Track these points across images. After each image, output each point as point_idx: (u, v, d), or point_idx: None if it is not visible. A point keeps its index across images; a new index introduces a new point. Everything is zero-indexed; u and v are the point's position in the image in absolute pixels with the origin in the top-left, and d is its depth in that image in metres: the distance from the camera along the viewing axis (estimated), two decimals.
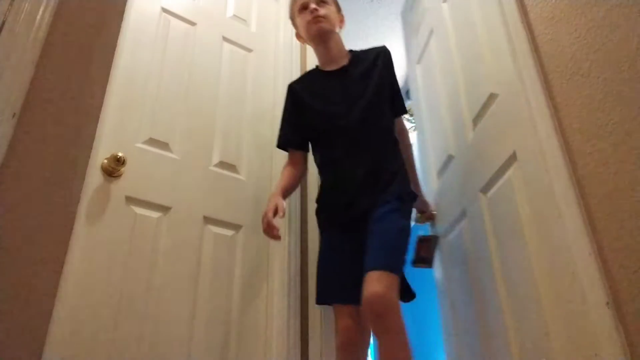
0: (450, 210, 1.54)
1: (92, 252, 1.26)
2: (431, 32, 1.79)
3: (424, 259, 1.59)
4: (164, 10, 1.77)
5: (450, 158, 1.56)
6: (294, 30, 2.08)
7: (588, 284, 0.92)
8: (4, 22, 1.19)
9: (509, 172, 1.21)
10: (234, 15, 2.01)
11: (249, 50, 1.95)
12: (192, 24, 1.83)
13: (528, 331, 1.03)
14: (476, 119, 1.39)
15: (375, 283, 1.10)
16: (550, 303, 1.00)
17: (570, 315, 0.95)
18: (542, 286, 1.03)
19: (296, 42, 2.06)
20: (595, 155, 0.98)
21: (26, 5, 1.23)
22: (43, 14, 1.26)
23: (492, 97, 1.30)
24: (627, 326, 0.86)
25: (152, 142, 1.51)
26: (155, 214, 1.43)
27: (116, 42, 1.42)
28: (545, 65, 1.13)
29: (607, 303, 0.88)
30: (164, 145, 1.54)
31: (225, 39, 1.91)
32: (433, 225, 1.65)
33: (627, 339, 0.85)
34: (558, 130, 1.06)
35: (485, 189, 1.33)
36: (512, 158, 1.19)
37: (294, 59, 2.03)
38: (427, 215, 1.64)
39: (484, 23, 1.36)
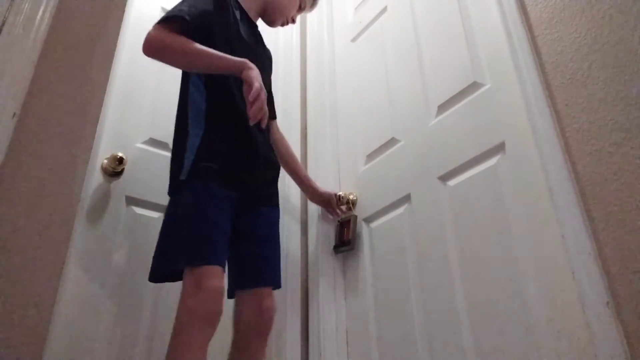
0: (384, 194, 1.52)
1: (92, 252, 1.26)
2: (384, 9, 1.78)
3: (347, 242, 1.54)
4: (164, 10, 1.76)
5: (393, 141, 1.55)
6: (293, 30, 2.09)
7: (588, 284, 0.92)
8: (4, 22, 1.18)
9: (491, 163, 1.21)
10: None
11: None
12: None
13: (509, 333, 1.03)
14: (445, 105, 1.39)
15: (272, 299, 1.20)
16: (546, 304, 1.00)
17: (569, 315, 0.95)
18: (532, 286, 1.04)
19: (296, 43, 2.06)
20: (595, 155, 0.98)
21: (26, 5, 1.23)
22: (43, 14, 1.26)
23: (475, 85, 1.31)
24: (627, 326, 0.86)
25: (152, 142, 1.51)
26: (155, 214, 1.43)
27: (116, 42, 1.42)
28: (545, 65, 1.13)
29: (607, 303, 0.88)
30: (164, 145, 1.54)
31: None
32: (352, 208, 1.62)
33: (627, 339, 0.85)
34: (558, 130, 1.06)
35: (446, 177, 1.33)
36: (498, 148, 1.20)
37: (294, 58, 2.03)
38: (348, 206, 1.60)
39: (479, 21, 1.36)
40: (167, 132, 1.56)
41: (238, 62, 1.16)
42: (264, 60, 1.42)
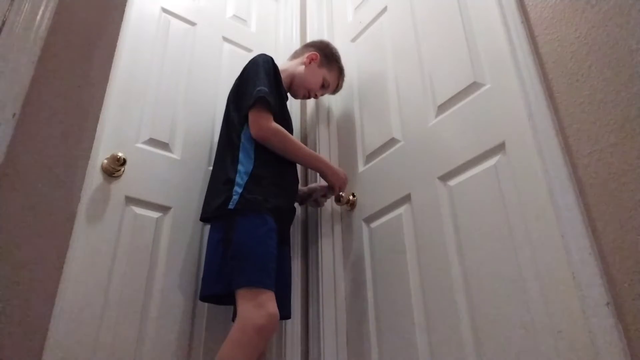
0: (384, 194, 1.52)
1: (92, 252, 1.26)
2: (384, 9, 1.78)
3: (311, 199, 1.63)
4: (164, 10, 1.77)
5: (393, 141, 1.55)
6: (293, 30, 2.09)
7: (588, 284, 0.92)
8: (4, 22, 1.18)
9: (491, 163, 1.21)
10: (234, 15, 2.02)
11: (249, 50, 1.95)
12: (192, 24, 1.84)
13: (505, 331, 1.03)
14: (445, 105, 1.39)
15: None
16: (546, 304, 1.00)
17: (569, 315, 0.95)
18: (532, 286, 1.03)
19: (296, 42, 2.06)
20: (595, 155, 0.98)
21: (26, 5, 1.23)
22: (43, 14, 1.26)
23: (475, 85, 1.31)
24: (627, 326, 0.86)
25: (152, 142, 1.51)
26: (155, 214, 1.43)
27: (116, 42, 1.42)
28: (545, 65, 1.13)
29: (607, 303, 0.88)
30: (164, 145, 1.54)
31: (225, 39, 1.92)
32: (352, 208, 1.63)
33: (627, 339, 0.85)
34: (558, 130, 1.06)
35: (446, 177, 1.33)
36: (498, 148, 1.20)
37: None
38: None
39: (479, 21, 1.36)
40: (167, 132, 1.56)
41: (323, 165, 1.55)
42: (290, 125, 1.64)
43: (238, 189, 1.32)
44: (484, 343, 1.11)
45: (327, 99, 1.90)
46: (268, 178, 1.37)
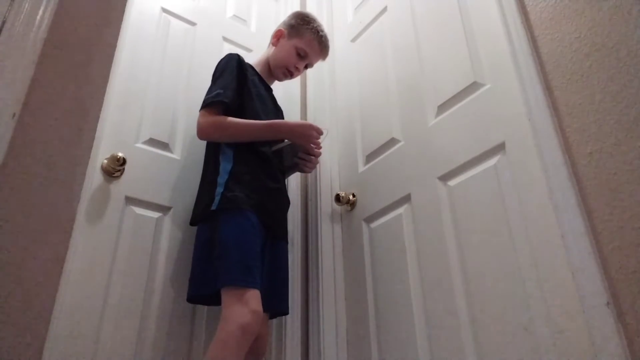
0: (384, 194, 1.52)
1: (92, 252, 1.26)
2: (384, 9, 1.78)
3: (291, 167, 1.55)
4: (164, 10, 1.77)
5: (393, 141, 1.55)
6: None
7: (588, 284, 0.92)
8: (4, 22, 1.18)
9: (491, 163, 1.21)
10: (234, 16, 2.02)
11: (249, 50, 1.95)
12: (192, 24, 1.84)
13: (507, 330, 1.03)
14: (445, 105, 1.39)
15: (267, 326, 1.38)
16: (546, 304, 1.00)
17: (569, 315, 0.95)
18: (532, 286, 1.03)
19: None
20: (595, 155, 0.98)
21: (26, 5, 1.23)
22: (43, 14, 1.25)
23: (475, 85, 1.32)
24: (627, 326, 0.86)
25: (152, 142, 1.51)
26: (155, 214, 1.43)
27: (116, 42, 1.41)
28: (545, 65, 1.13)
29: (607, 303, 0.88)
30: (164, 145, 1.54)
31: (225, 39, 1.92)
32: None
33: (627, 339, 0.85)
34: (558, 130, 1.06)
35: (446, 177, 1.33)
36: (498, 148, 1.20)
37: None
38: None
39: (479, 21, 1.36)
40: (167, 132, 1.56)
41: (283, 130, 1.46)
42: (277, 113, 1.64)
43: (219, 189, 1.32)
44: (483, 343, 1.11)
45: (328, 99, 1.89)
46: (248, 174, 1.36)
